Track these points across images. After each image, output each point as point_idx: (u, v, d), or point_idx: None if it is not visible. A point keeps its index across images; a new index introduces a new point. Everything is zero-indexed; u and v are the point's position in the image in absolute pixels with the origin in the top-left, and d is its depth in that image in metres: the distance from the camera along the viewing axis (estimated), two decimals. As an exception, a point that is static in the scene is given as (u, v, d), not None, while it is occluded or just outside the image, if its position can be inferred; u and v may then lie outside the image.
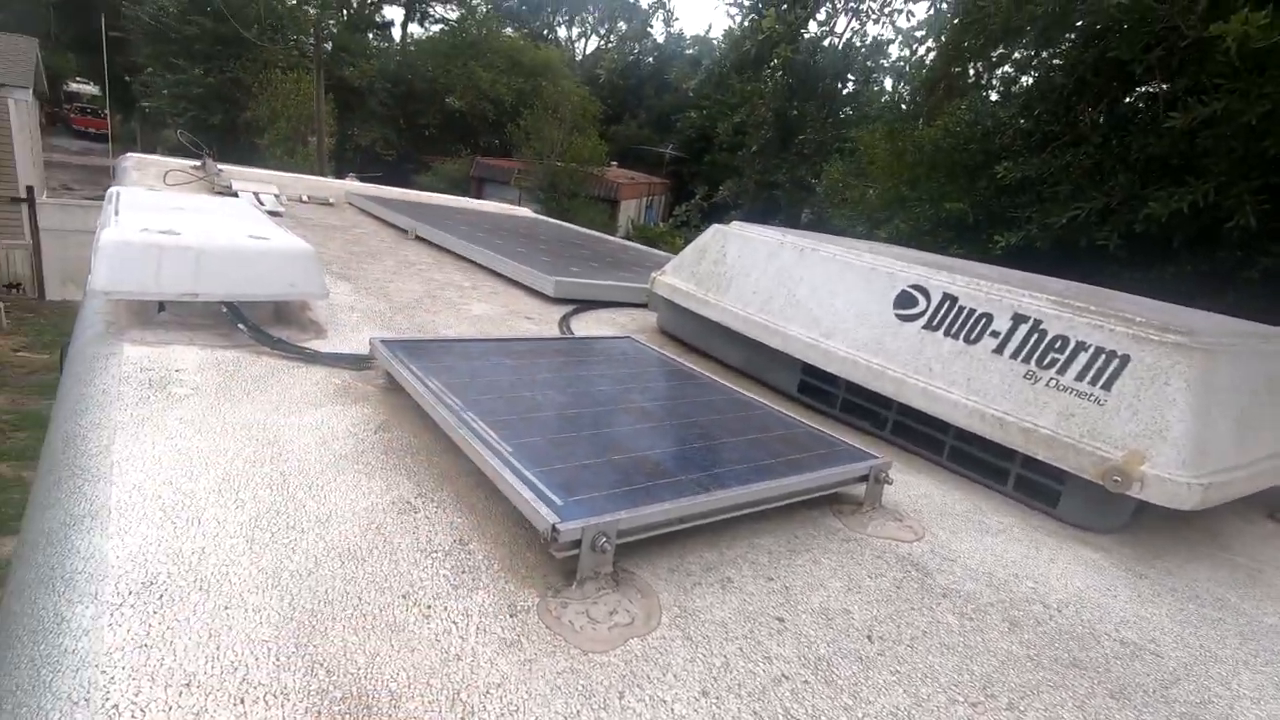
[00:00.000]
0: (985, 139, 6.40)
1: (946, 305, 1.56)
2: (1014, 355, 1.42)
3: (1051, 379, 1.36)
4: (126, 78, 27.95)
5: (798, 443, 1.34)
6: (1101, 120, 5.18)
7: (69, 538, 0.85)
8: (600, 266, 3.34)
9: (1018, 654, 0.95)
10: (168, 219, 1.74)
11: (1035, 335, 1.41)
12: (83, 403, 1.23)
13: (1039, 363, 1.38)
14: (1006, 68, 7.50)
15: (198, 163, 4.60)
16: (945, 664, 0.89)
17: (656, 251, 4.81)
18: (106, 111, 25.88)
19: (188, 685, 0.66)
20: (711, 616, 0.91)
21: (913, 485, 1.46)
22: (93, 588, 0.77)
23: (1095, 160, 4.80)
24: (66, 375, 1.47)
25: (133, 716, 0.62)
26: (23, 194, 13.45)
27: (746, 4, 6.32)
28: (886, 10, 6.80)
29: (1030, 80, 6.88)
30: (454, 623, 0.81)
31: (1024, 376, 1.39)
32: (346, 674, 0.71)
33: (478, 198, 10.95)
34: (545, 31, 43.15)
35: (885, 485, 1.30)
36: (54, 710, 0.62)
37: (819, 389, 1.82)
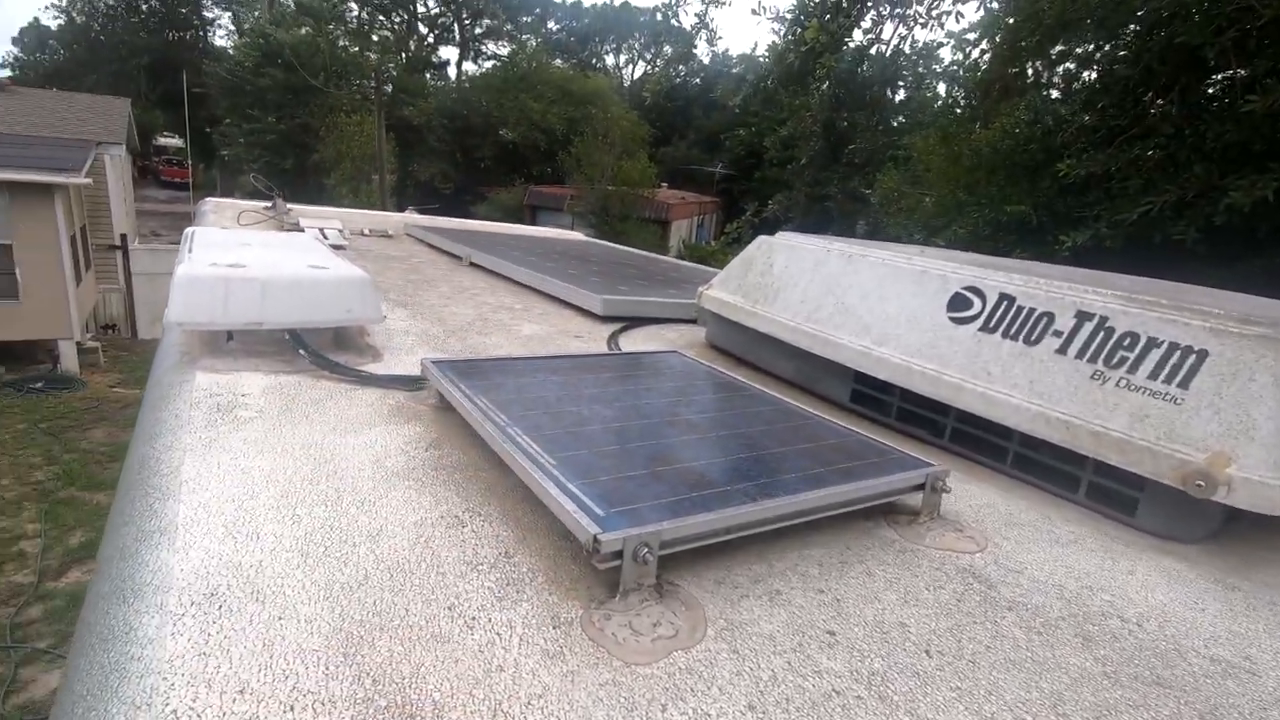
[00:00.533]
0: (1046, 137, 6.17)
1: (1004, 306, 1.49)
2: (1079, 355, 1.35)
3: (1122, 379, 1.28)
4: (207, 129, 30.03)
5: (849, 451, 1.30)
6: (1172, 110, 4.92)
7: (139, 552, 0.90)
8: (650, 285, 3.36)
9: (1092, 671, 0.88)
10: (235, 254, 1.84)
11: (1101, 333, 1.33)
12: (157, 427, 1.30)
13: (1107, 362, 1.31)
14: (1067, 64, 7.23)
15: (269, 204, 4.88)
16: (1011, 681, 0.84)
17: (706, 268, 4.81)
18: (189, 162, 27.77)
19: (241, 692, 0.68)
20: (759, 629, 0.88)
21: (974, 494, 1.40)
22: (159, 599, 0.80)
23: (1167, 152, 4.55)
24: (145, 403, 1.57)
25: (190, 721, 0.64)
26: (118, 241, 14.53)
27: (789, 17, 6.32)
28: (934, 14, 6.67)
29: (1092, 75, 6.61)
30: (497, 634, 0.81)
31: (1091, 377, 1.32)
32: (392, 683, 0.72)
33: (531, 225, 11.21)
34: (593, 60, 44.19)
35: (943, 494, 1.25)
36: (119, 714, 0.65)
37: (873, 398, 1.77)
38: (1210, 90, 4.84)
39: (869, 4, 6.19)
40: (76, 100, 17.52)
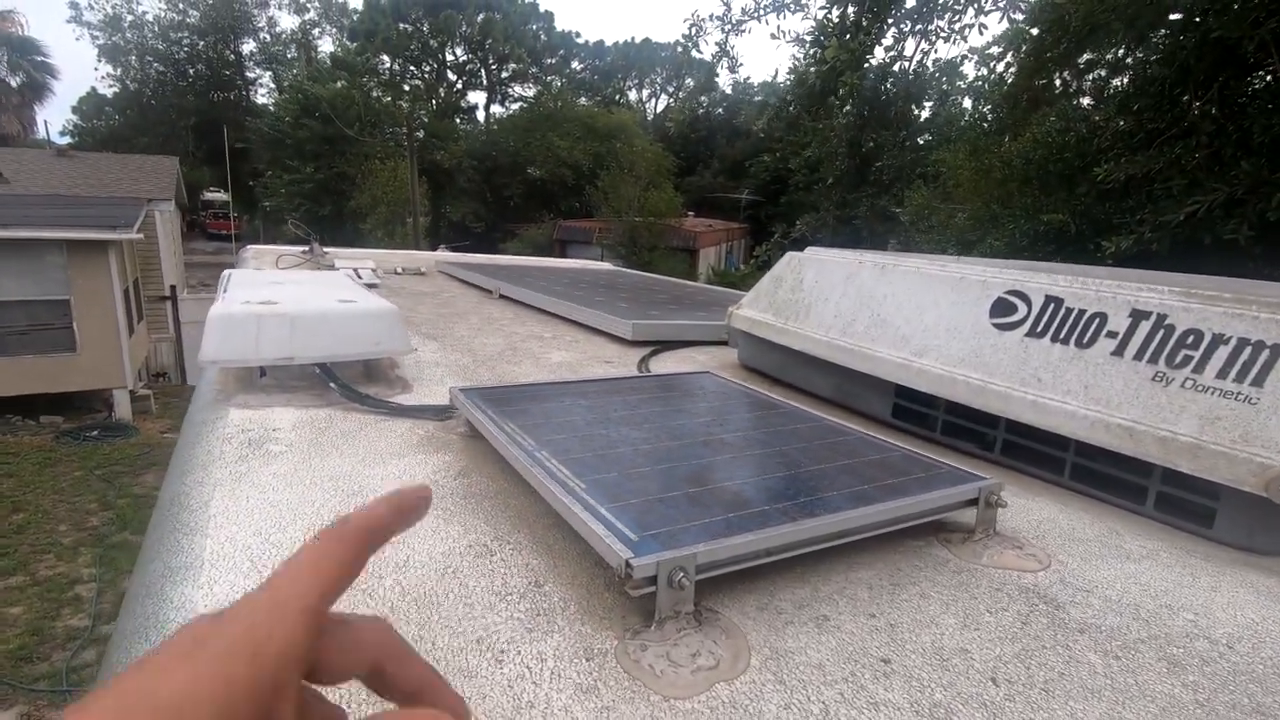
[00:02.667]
0: (1080, 144, 6.03)
1: (1051, 308, 1.42)
2: (1138, 356, 1.27)
3: (1187, 379, 1.19)
4: (250, 182, 31.36)
5: (894, 467, 1.23)
6: (1212, 108, 4.77)
7: (164, 589, 0.88)
8: (679, 308, 3.33)
9: (1183, 699, 0.80)
10: (267, 291, 1.87)
11: (1161, 332, 1.25)
12: (189, 464, 1.30)
13: (1169, 362, 1.22)
14: (1097, 72, 7.10)
15: (306, 248, 5.02)
16: (1090, 711, 0.76)
17: (735, 291, 4.76)
18: (233, 214, 28.96)
19: (260, 733, 0.64)
20: (806, 658, 0.82)
21: (1031, 509, 1.31)
22: (181, 636, 0.78)
23: (1211, 150, 4.40)
24: (180, 440, 1.58)
25: (205, 765, 0.61)
26: (168, 292, 15.14)
27: (808, 39, 6.34)
28: (957, 28, 6.63)
29: (1124, 80, 6.47)
30: (527, 667, 0.77)
31: (1153, 379, 1.23)
32: (416, 722, 0.68)
33: (561, 259, 11.34)
34: (616, 96, 45.09)
35: (998, 509, 1.17)
36: (134, 758, 0.62)
37: (915, 412, 1.70)
38: (1254, 85, 4.68)
39: (890, 21, 6.19)
40: (129, 161, 18.48)
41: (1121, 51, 5.89)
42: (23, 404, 11.39)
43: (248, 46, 43.72)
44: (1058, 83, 7.61)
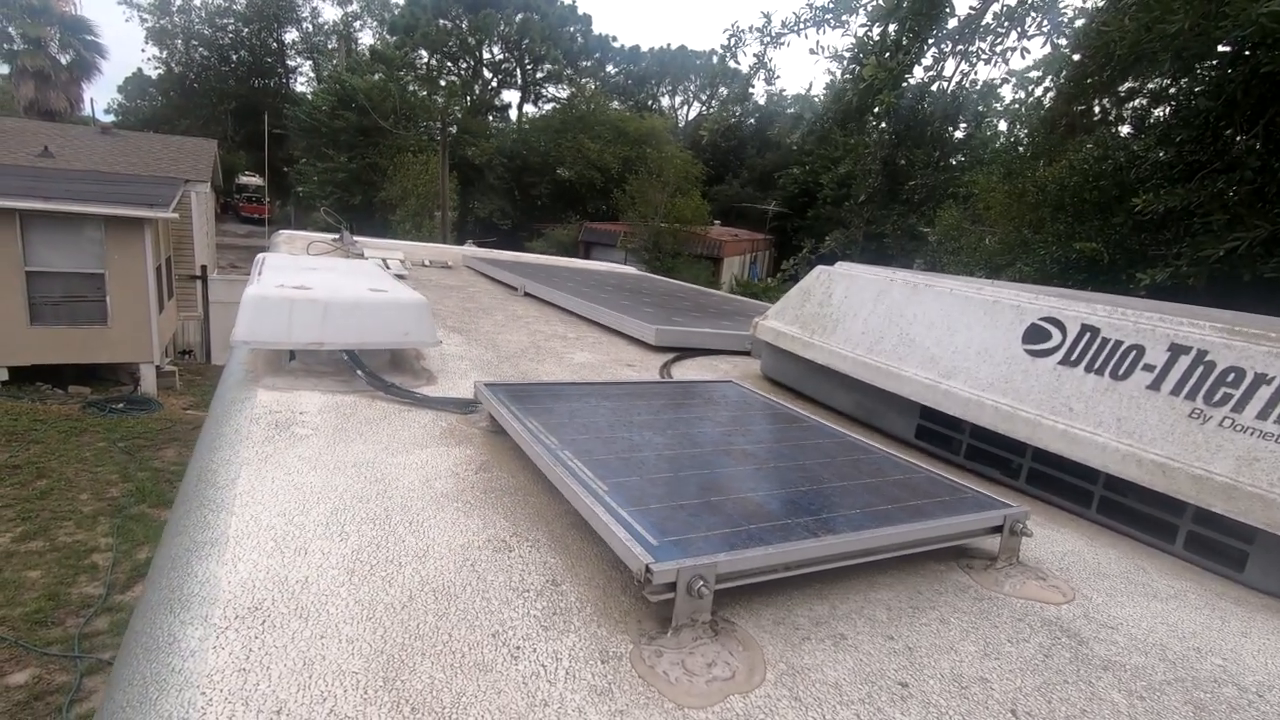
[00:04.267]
0: (1118, 173, 5.94)
1: (1086, 338, 1.39)
2: (1175, 391, 1.24)
3: (1226, 418, 1.17)
4: (285, 168, 31.87)
5: (917, 489, 1.22)
6: (1258, 144, 4.67)
7: (189, 563, 0.90)
8: (702, 316, 3.32)
9: (1209, 745, 0.78)
10: (301, 277, 1.89)
11: (1200, 368, 1.23)
12: (217, 441, 1.32)
13: (1207, 399, 1.20)
14: (1139, 100, 6.99)
15: (337, 236, 5.08)
16: (1113, 751, 0.75)
17: (759, 302, 4.75)
18: (267, 199, 29.44)
19: (278, 713, 0.65)
20: (823, 676, 0.81)
21: (1056, 540, 1.29)
22: (204, 611, 0.79)
23: (1255, 186, 4.30)
24: (209, 417, 1.60)
25: (224, 740, 0.61)
26: (198, 272, 15.41)
27: (847, 56, 6.31)
28: (999, 50, 6.56)
29: (1166, 110, 6.36)
30: (543, 665, 0.77)
31: (1190, 415, 1.21)
32: (432, 712, 0.68)
33: (585, 260, 11.38)
34: (649, 102, 45.24)
35: (1023, 538, 1.15)
36: (156, 728, 0.63)
37: (939, 434, 1.68)
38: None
39: (930, 42, 6.14)
40: (170, 142, 18.87)
41: (1167, 81, 5.79)
42: (53, 373, 11.65)
43: (290, 35, 44.54)
44: (1097, 110, 7.51)
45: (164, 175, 14.67)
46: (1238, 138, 4.85)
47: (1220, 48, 4.76)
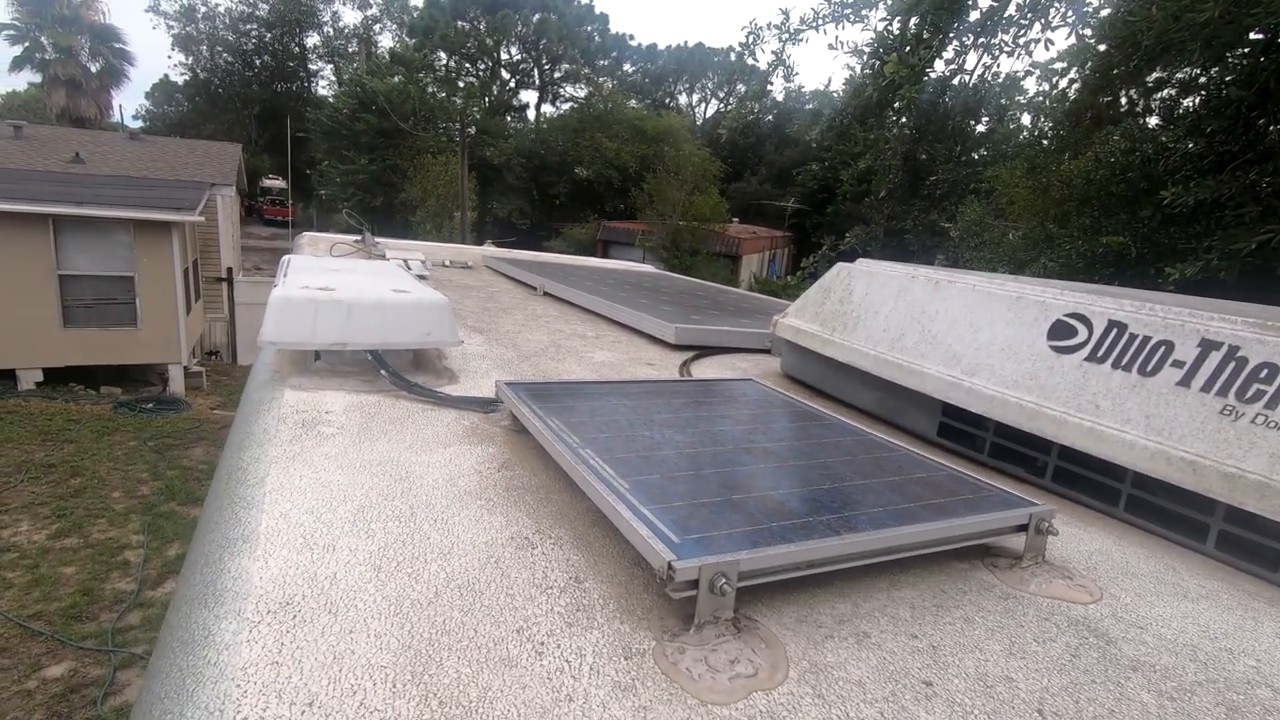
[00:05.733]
0: (1145, 166, 5.82)
1: (1114, 334, 1.37)
2: (1205, 388, 1.22)
3: (1259, 415, 1.14)
4: (307, 172, 32.31)
5: (941, 487, 1.21)
6: (1293, 134, 4.56)
7: (222, 559, 0.92)
8: (721, 314, 3.32)
9: (1242, 747, 0.76)
10: (325, 279, 1.92)
11: (1232, 364, 1.20)
12: (247, 440, 1.35)
13: (1240, 396, 1.17)
14: (1168, 90, 6.85)
15: (359, 237, 5.15)
16: (1142, 752, 0.74)
17: (778, 300, 4.73)
18: (290, 202, 29.87)
19: (310, 705, 0.67)
20: (846, 674, 0.81)
21: (1083, 539, 1.27)
22: (237, 605, 0.81)
23: (1289, 177, 4.20)
24: (238, 416, 1.64)
25: (259, 731, 0.63)
26: (224, 274, 15.68)
27: (867, 51, 6.25)
28: (1022, 42, 6.45)
29: (1196, 100, 6.22)
30: (567, 661, 0.78)
31: (1221, 412, 1.18)
32: (459, 706, 0.69)
33: (603, 258, 11.40)
34: (666, 100, 45.18)
35: (1049, 536, 1.14)
36: (193, 719, 0.65)
37: (962, 431, 1.66)
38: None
39: (951, 35, 6.06)
40: (196, 146, 19.22)
41: (1197, 70, 5.67)
42: (86, 374, 11.93)
43: (312, 40, 45.16)
44: (1123, 101, 7.37)
45: (190, 179, 14.95)
46: (1271, 127, 4.73)
47: (1252, 35, 4.64)
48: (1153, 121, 7.13)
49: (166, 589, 6.85)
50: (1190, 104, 6.36)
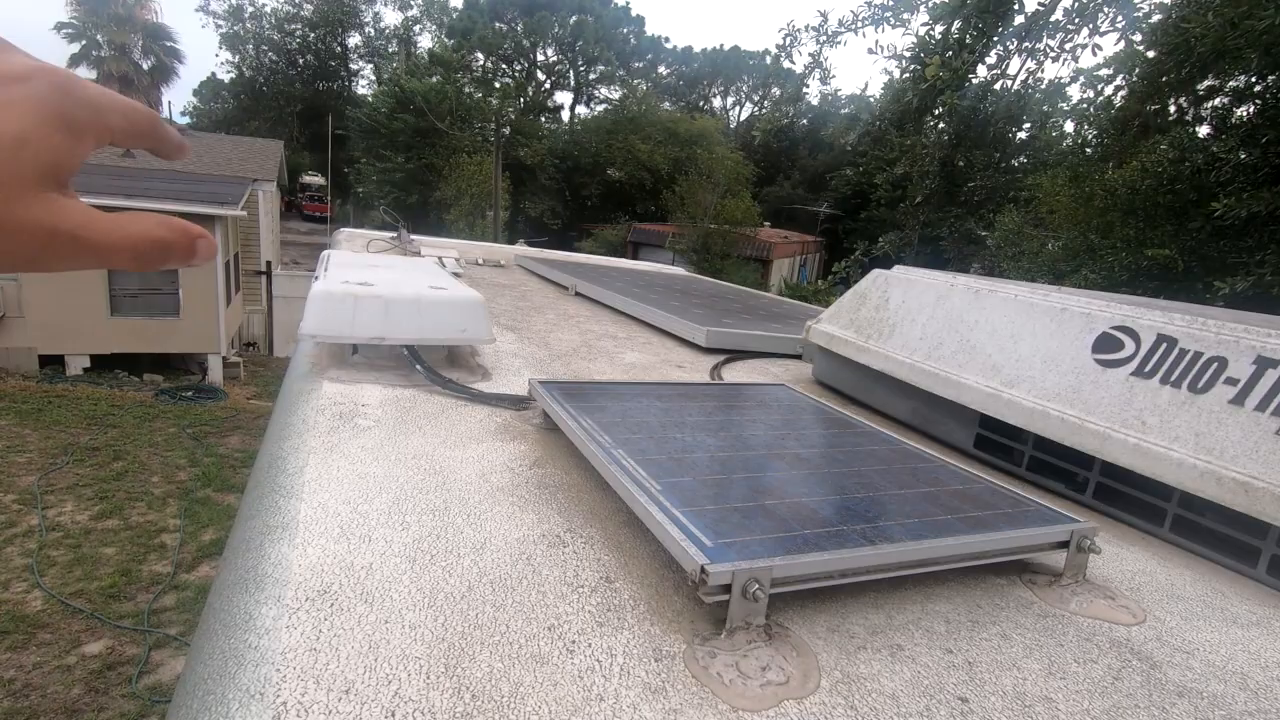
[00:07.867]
0: (1195, 176, 5.64)
1: (1163, 348, 1.33)
2: (1261, 407, 1.18)
3: (1316, 436, 1.10)
4: (346, 169, 32.97)
5: (978, 499, 1.19)
6: (1355, 145, 4.37)
7: (263, 545, 0.94)
8: (752, 319, 3.30)
9: (1295, 782, 0.73)
10: (364, 274, 1.96)
11: (1289, 383, 1.16)
12: (286, 430, 1.38)
13: (1297, 416, 1.13)
14: (1221, 98, 6.63)
15: (394, 234, 5.23)
16: (1189, 781, 0.71)
17: (809, 306, 4.69)
18: (329, 198, 30.50)
19: (346, 692, 0.68)
20: (879, 686, 0.80)
21: (1125, 559, 1.24)
22: (277, 591, 0.83)
23: (1349, 190, 4.04)
24: (277, 406, 1.67)
25: (298, 715, 0.64)
26: (263, 268, 16.07)
27: (907, 55, 6.17)
28: (1068, 47, 6.31)
29: (1250, 109, 6.01)
30: (597, 660, 0.78)
31: (1277, 433, 1.14)
32: (491, 700, 0.69)
33: (633, 260, 11.41)
34: (700, 103, 45.13)
35: (1090, 554, 1.11)
36: (234, 701, 0.66)
37: (1000, 444, 1.63)
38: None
39: (995, 40, 5.95)
40: (240, 143, 19.74)
41: (1254, 78, 5.47)
42: (130, 361, 12.32)
43: (353, 40, 46.11)
44: (1172, 109, 7.15)
45: (234, 175, 15.35)
46: (1331, 138, 4.55)
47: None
48: (1203, 131, 6.91)
49: (200, 573, 7.03)
50: (1244, 113, 6.15)
